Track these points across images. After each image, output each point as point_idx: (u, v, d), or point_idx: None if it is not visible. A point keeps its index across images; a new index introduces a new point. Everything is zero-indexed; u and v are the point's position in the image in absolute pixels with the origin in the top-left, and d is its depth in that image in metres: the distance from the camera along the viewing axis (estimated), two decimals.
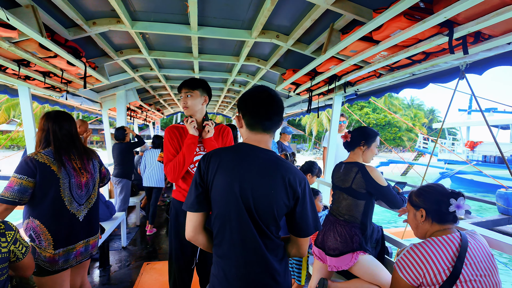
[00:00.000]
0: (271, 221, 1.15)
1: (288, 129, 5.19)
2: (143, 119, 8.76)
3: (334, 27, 2.36)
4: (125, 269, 3.45)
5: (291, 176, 1.15)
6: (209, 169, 1.19)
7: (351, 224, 2.02)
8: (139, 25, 2.63)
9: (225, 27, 2.77)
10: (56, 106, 4.70)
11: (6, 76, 2.62)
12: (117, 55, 3.38)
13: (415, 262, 1.26)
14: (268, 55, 3.59)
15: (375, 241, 2.40)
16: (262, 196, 1.13)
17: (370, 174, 2.00)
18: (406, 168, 20.34)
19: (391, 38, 1.86)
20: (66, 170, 1.79)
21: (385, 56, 2.19)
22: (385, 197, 2.02)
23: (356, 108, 38.71)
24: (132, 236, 4.53)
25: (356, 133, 2.14)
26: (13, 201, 1.64)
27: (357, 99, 3.74)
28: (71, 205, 1.81)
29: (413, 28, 1.67)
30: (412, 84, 2.82)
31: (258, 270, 1.14)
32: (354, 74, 2.75)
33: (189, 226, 1.22)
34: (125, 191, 4.58)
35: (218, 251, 1.19)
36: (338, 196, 2.14)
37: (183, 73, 4.57)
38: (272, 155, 1.20)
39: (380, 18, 1.72)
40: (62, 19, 2.42)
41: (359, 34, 1.96)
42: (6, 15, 1.67)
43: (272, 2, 2.08)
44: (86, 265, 2.09)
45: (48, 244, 1.72)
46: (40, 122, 1.85)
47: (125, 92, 5.25)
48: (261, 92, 1.22)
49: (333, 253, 2.02)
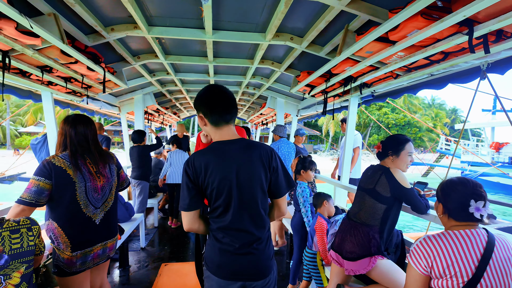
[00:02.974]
0: (262, 193, 1.40)
1: (301, 131, 5.16)
2: (160, 122, 8.92)
3: (349, 28, 2.32)
4: (144, 270, 3.52)
5: (263, 151, 1.39)
6: (197, 171, 1.35)
7: (369, 227, 1.99)
8: (155, 30, 2.69)
9: (239, 30, 2.79)
10: (77, 110, 4.86)
11: (30, 82, 2.73)
12: (135, 60, 3.47)
13: (425, 250, 1.29)
14: (282, 57, 3.58)
15: (394, 246, 2.34)
16: (250, 177, 1.35)
17: (394, 176, 1.96)
18: (427, 169, 19.77)
19: (408, 38, 1.82)
20: (82, 174, 1.81)
21: (402, 56, 2.14)
22: (409, 200, 1.98)
23: (374, 108, 37.95)
24: (151, 237, 4.61)
25: (385, 143, 2.11)
26: (30, 202, 1.68)
27: (374, 100, 3.66)
28: (87, 208, 1.83)
29: (431, 27, 1.62)
30: (431, 85, 2.74)
31: (251, 229, 1.38)
32: (370, 75, 2.70)
33: (186, 222, 1.40)
34: (143, 193, 4.68)
35: (217, 225, 1.40)
36: (360, 198, 2.11)
37: (198, 77, 4.63)
38: (244, 141, 1.41)
39: (397, 18, 1.68)
40: (82, 26, 2.50)
41: (375, 35, 1.93)
42: (30, 23, 1.74)
43: (286, 5, 2.08)
44: (105, 266, 2.13)
45: (66, 247, 1.77)
46: (59, 126, 1.89)
47: (143, 96, 5.37)
48: (214, 90, 1.39)
49: (350, 256, 1.99)
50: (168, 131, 11.29)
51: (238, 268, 1.38)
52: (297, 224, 2.96)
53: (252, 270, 1.39)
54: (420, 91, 2.97)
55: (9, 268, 1.31)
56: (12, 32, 1.77)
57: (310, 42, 2.74)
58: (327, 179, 4.36)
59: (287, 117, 6.97)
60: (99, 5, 2.27)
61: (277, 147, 4.28)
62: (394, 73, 2.65)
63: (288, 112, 5.86)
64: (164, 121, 8.90)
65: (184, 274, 3.40)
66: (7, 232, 1.33)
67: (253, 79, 4.63)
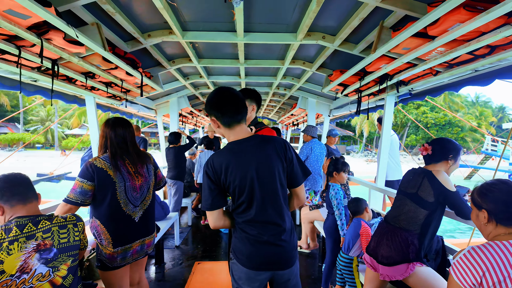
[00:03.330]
0: (282, 186, 1.46)
1: (334, 132, 5.05)
2: (194, 124, 9.17)
3: (384, 24, 2.24)
4: (178, 267, 3.64)
5: (277, 145, 1.46)
6: (217, 172, 1.42)
7: (409, 232, 1.89)
8: (189, 35, 2.77)
9: (270, 31, 2.79)
10: (117, 113, 5.13)
11: (76, 87, 2.93)
12: (170, 64, 3.60)
13: (472, 265, 1.14)
14: (314, 57, 3.53)
15: (434, 252, 2.22)
16: (270, 172, 1.42)
17: (437, 179, 1.86)
18: (471, 172, 18.51)
19: (449, 32, 1.72)
20: (121, 174, 1.92)
21: (443, 52, 2.03)
22: (453, 204, 1.86)
23: (411, 107, 36.15)
24: (184, 236, 4.75)
25: (441, 146, 1.97)
26: (75, 202, 1.81)
27: (412, 99, 3.49)
28: (127, 206, 1.93)
29: (475, 20, 1.52)
30: (475, 81, 2.56)
31: (277, 220, 1.45)
32: (408, 73, 2.58)
33: (211, 220, 1.48)
34: (179, 193, 4.84)
35: (242, 219, 1.46)
36: (401, 202, 2.02)
37: (230, 79, 4.71)
38: (257, 137, 1.48)
39: (436, 12, 1.59)
40: (122, 34, 2.65)
41: (412, 30, 1.85)
42: (76, 33, 1.88)
43: (317, 4, 2.05)
44: (143, 262, 2.24)
45: (108, 243, 1.87)
46: (101, 129, 2.02)
47: (177, 99, 5.55)
48: (223, 93, 1.45)
49: (385, 261, 1.91)
50: (201, 132, 11.58)
51: (267, 258, 1.44)
52: (330, 227, 2.90)
53: (280, 260, 1.46)
54: (463, 88, 2.79)
55: (57, 261, 1.41)
56: (60, 42, 1.91)
57: (343, 40, 2.68)
58: (362, 181, 4.22)
59: (319, 118, 6.86)
60: (137, 13, 2.39)
61: (310, 147, 4.21)
62: (433, 69, 2.51)
63: (319, 112, 5.77)
64: (197, 123, 9.13)
65: (216, 273, 3.46)
66: (56, 227, 1.44)
67: (283, 79, 4.61)
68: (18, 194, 1.39)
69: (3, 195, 1.36)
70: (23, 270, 1.30)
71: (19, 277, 1.29)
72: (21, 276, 1.29)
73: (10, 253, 1.27)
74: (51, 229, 1.41)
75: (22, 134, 34.25)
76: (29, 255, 1.32)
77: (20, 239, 1.31)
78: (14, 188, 1.39)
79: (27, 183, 1.45)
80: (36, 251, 1.34)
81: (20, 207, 1.39)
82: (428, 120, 35.21)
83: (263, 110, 8.55)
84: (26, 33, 1.66)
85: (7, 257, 1.27)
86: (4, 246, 1.27)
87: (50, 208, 2.35)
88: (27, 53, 1.93)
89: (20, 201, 1.39)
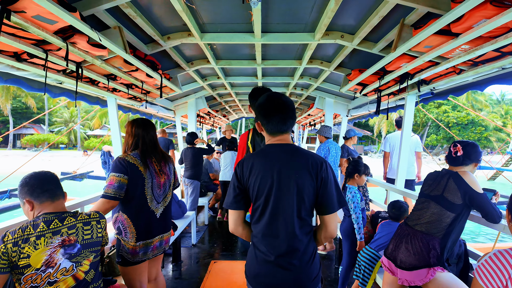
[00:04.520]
0: (302, 201, 1.32)
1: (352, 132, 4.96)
2: (211, 125, 9.26)
3: (405, 22, 2.19)
4: (194, 266, 3.68)
5: (312, 160, 1.34)
6: (244, 173, 1.39)
7: (430, 236, 1.83)
8: (207, 36, 2.80)
9: (288, 31, 2.79)
10: (137, 114, 5.26)
11: (98, 89, 3.03)
12: (188, 66, 3.65)
13: (498, 268, 1.11)
14: (332, 56, 3.49)
15: (456, 257, 2.15)
16: (292, 180, 1.31)
17: (464, 179, 1.80)
18: (494, 173, 17.78)
19: (474, 29, 1.66)
20: (149, 171, 2.02)
21: (467, 49, 1.96)
22: (481, 207, 1.79)
23: (432, 106, 35.04)
24: (201, 235, 4.81)
25: (474, 148, 1.93)
26: (115, 197, 1.88)
27: (433, 98, 3.40)
28: (152, 203, 2.02)
29: (502, 15, 1.46)
30: (502, 80, 2.46)
31: (283, 237, 1.32)
32: (429, 72, 2.51)
33: (231, 221, 1.44)
34: (195, 192, 4.90)
35: (256, 230, 1.39)
36: (423, 205, 1.96)
37: (247, 80, 4.72)
38: (293, 146, 1.40)
39: (460, 8, 1.54)
40: (142, 36, 2.71)
41: (434, 28, 1.80)
42: (99, 36, 1.94)
43: (336, 2, 2.02)
44: (160, 258, 2.31)
45: (132, 237, 1.95)
46: (128, 128, 2.09)
47: (195, 100, 5.63)
48: (274, 101, 1.39)
49: (404, 266, 1.86)
50: (218, 132, 11.68)
51: (273, 281, 1.32)
52: (347, 229, 2.85)
53: (287, 286, 1.31)
54: (488, 87, 2.68)
55: (81, 256, 1.46)
56: (84, 45, 1.99)
57: (362, 39, 2.63)
58: (382, 183, 4.14)
59: (336, 118, 6.78)
60: (157, 16, 2.44)
61: (327, 148, 4.15)
62: (457, 68, 2.43)
63: (337, 112, 5.69)
64: (214, 123, 9.22)
65: (232, 272, 3.48)
66: (81, 223, 1.49)
67: (301, 79, 4.58)
68: (48, 191, 1.45)
69: (34, 191, 1.43)
70: (48, 265, 1.35)
71: (44, 271, 1.34)
72: (46, 270, 1.34)
73: (37, 247, 1.33)
74: (76, 225, 1.47)
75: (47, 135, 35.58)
76: (54, 250, 1.37)
77: (47, 235, 1.37)
78: (44, 185, 1.45)
79: (56, 181, 1.51)
80: (61, 246, 1.39)
81: (48, 203, 1.45)
82: (449, 120, 34.06)
83: None
84: (53, 38, 1.73)
85: (34, 251, 1.32)
86: (32, 240, 1.33)
87: (74, 205, 2.44)
88: (53, 57, 2.01)
89: (49, 198, 1.45)
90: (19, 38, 1.71)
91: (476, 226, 8.39)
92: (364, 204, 2.82)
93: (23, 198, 1.44)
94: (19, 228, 1.34)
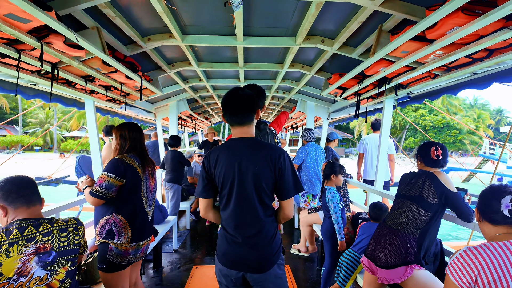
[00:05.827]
0: (262, 190, 1.49)
1: (334, 135, 5.06)
2: (193, 127, 9.16)
3: (383, 28, 2.26)
4: (176, 271, 3.62)
5: (271, 153, 1.49)
6: (210, 163, 1.54)
7: (408, 235, 1.90)
8: (189, 38, 2.78)
9: (270, 35, 2.80)
10: (116, 116, 5.12)
11: (75, 91, 2.93)
12: (169, 68, 3.60)
13: (467, 264, 1.17)
14: (313, 60, 3.55)
15: (433, 255, 2.22)
16: (252, 172, 1.47)
17: (438, 179, 1.89)
18: (468, 174, 18.54)
19: (448, 36, 1.73)
20: (145, 174, 2.04)
21: (441, 55, 2.04)
22: (455, 206, 1.87)
23: (410, 109, 36.23)
24: (183, 240, 4.74)
25: (447, 152, 2.06)
26: (98, 195, 1.87)
27: (410, 102, 3.51)
28: (146, 205, 2.05)
29: (473, 23, 1.53)
30: (473, 85, 2.57)
31: (250, 222, 1.51)
32: (406, 76, 2.60)
33: (201, 208, 1.61)
34: (176, 196, 4.83)
35: (224, 216, 1.57)
36: (401, 205, 2.02)
37: (229, 83, 4.71)
38: (254, 140, 1.54)
39: (435, 15, 1.61)
40: (121, 37, 2.65)
41: (410, 34, 1.86)
42: (76, 37, 1.88)
43: (316, 8, 2.06)
44: (140, 263, 2.30)
45: (127, 238, 1.94)
46: (123, 132, 2.07)
47: (177, 102, 5.55)
48: (229, 94, 1.54)
49: (383, 264, 1.91)
50: (200, 135, 11.57)
51: (239, 258, 1.51)
52: (327, 230, 2.89)
53: (252, 262, 1.50)
54: (461, 92, 2.80)
55: (56, 264, 1.40)
56: (60, 45, 1.92)
57: (342, 43, 2.69)
58: (362, 184, 4.23)
59: (318, 121, 6.87)
60: (137, 17, 2.40)
61: (306, 151, 4.21)
62: (432, 73, 2.53)
63: (318, 115, 5.78)
64: (196, 126, 9.13)
65: (215, 277, 3.43)
66: (57, 230, 1.44)
67: (283, 83, 4.62)
68: (23, 197, 1.39)
69: (8, 197, 1.37)
70: (21, 273, 1.29)
71: (16, 280, 1.28)
72: (18, 279, 1.28)
73: (9, 255, 1.27)
74: (51, 232, 1.41)
75: (21, 136, 34.16)
76: (28, 258, 1.31)
77: (20, 242, 1.31)
78: (20, 190, 1.39)
79: (33, 186, 1.45)
80: (35, 254, 1.33)
81: (23, 209, 1.39)
82: (426, 123, 35.32)
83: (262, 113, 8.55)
84: (27, 37, 1.67)
85: (6, 259, 1.26)
86: (4, 248, 1.27)
87: (49, 212, 2.35)
88: (27, 57, 1.93)
89: (24, 204, 1.39)
90: None
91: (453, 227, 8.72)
92: (343, 205, 2.86)
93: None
94: None
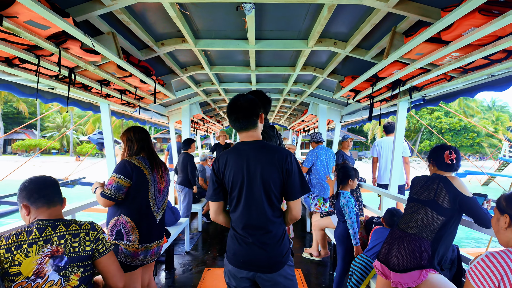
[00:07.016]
0: (270, 191, 1.51)
1: (345, 135, 5.03)
2: (205, 130, 9.24)
3: (397, 30, 2.23)
4: (188, 273, 3.64)
5: (278, 155, 1.52)
6: (219, 167, 1.57)
7: (422, 239, 1.85)
8: (201, 43, 2.81)
9: (281, 38, 2.81)
10: (131, 120, 5.22)
11: (91, 95, 3.00)
12: (182, 72, 3.65)
13: (490, 270, 1.13)
14: (325, 63, 3.53)
15: (449, 262, 2.16)
16: (260, 174, 1.50)
17: (452, 183, 1.83)
18: (487, 179, 17.98)
19: (464, 37, 1.69)
20: (153, 176, 2.06)
21: (457, 57, 1.99)
22: (471, 211, 1.81)
23: (425, 112, 35.48)
24: (195, 242, 4.76)
25: (460, 156, 2.01)
26: (109, 197, 1.90)
27: (425, 104, 3.44)
28: (154, 207, 2.06)
29: (490, 24, 1.49)
30: (491, 86, 2.50)
31: (259, 222, 1.52)
32: (421, 78, 2.55)
33: (212, 211, 1.63)
34: (188, 198, 4.86)
35: (234, 217, 1.59)
36: (414, 209, 1.98)
37: (241, 86, 4.74)
38: (261, 143, 1.57)
39: (450, 16, 1.58)
40: (136, 42, 2.71)
41: (425, 36, 1.83)
42: (92, 42, 1.93)
43: (329, 10, 2.06)
44: (153, 265, 2.31)
45: (135, 239, 1.96)
46: (130, 135, 2.11)
47: (189, 106, 5.62)
48: (232, 102, 1.58)
49: (397, 268, 1.87)
50: (212, 138, 11.67)
51: (249, 258, 1.53)
52: (341, 234, 2.85)
53: (262, 262, 1.51)
54: (478, 94, 2.73)
55: (68, 271, 1.38)
56: (77, 51, 1.98)
57: (354, 46, 2.67)
58: (377, 189, 4.16)
59: (330, 124, 6.82)
60: (151, 22, 2.45)
61: (316, 154, 4.21)
62: (447, 75, 2.47)
63: (330, 118, 5.74)
64: (208, 129, 9.20)
65: None
66: (70, 235, 1.42)
67: (294, 86, 4.62)
68: (44, 197, 1.42)
69: (31, 196, 1.40)
70: (38, 274, 1.31)
71: (34, 280, 1.30)
72: (36, 279, 1.30)
73: (28, 255, 1.30)
74: (65, 236, 1.41)
75: (39, 140, 35.12)
76: (43, 260, 1.33)
77: (39, 243, 1.33)
78: (41, 190, 1.42)
79: (55, 187, 1.48)
80: (50, 256, 1.34)
81: (44, 209, 1.42)
82: (442, 126, 34.50)
83: (273, 116, 8.54)
84: (45, 43, 1.72)
85: (25, 259, 1.29)
86: (24, 248, 1.30)
87: (65, 213, 2.40)
88: (45, 62, 1.99)
89: (45, 204, 1.42)
90: (11, 43, 1.70)
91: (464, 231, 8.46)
92: (358, 209, 2.82)
93: (21, 202, 1.42)
94: (13, 234, 1.32)
